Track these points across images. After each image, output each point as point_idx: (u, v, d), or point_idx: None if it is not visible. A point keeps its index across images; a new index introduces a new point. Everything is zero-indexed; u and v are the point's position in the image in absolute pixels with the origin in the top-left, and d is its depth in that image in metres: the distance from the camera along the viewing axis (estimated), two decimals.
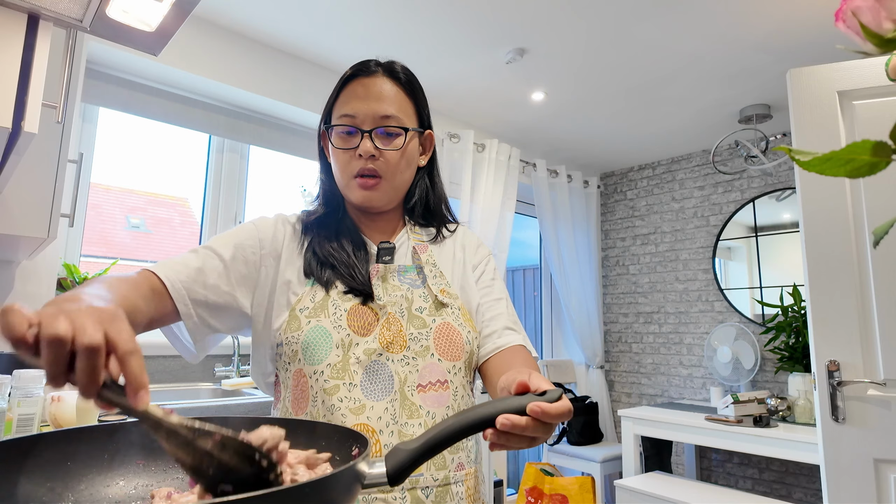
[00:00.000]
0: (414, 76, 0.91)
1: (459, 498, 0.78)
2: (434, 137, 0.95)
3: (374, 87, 0.85)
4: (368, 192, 0.84)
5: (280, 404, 0.83)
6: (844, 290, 1.63)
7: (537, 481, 2.58)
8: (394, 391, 0.77)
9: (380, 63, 0.88)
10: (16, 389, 0.93)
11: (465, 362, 0.83)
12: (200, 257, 0.79)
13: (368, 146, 0.82)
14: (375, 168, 0.83)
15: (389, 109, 0.84)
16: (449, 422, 0.51)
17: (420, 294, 0.85)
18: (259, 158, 2.60)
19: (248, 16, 2.18)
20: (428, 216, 0.95)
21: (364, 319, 0.80)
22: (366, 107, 0.83)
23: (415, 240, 0.91)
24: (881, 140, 0.40)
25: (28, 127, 0.78)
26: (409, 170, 0.89)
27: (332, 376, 0.76)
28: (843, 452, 1.59)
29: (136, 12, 0.79)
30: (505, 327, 0.87)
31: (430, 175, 0.96)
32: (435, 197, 0.95)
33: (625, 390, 3.76)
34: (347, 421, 0.74)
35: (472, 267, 0.93)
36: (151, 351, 2.03)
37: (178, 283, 0.74)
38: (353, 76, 0.86)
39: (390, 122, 0.84)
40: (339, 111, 0.86)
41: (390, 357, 0.79)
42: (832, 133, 1.70)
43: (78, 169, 1.55)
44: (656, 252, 3.71)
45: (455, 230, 0.97)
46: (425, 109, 0.92)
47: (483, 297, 0.90)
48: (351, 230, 0.88)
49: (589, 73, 2.59)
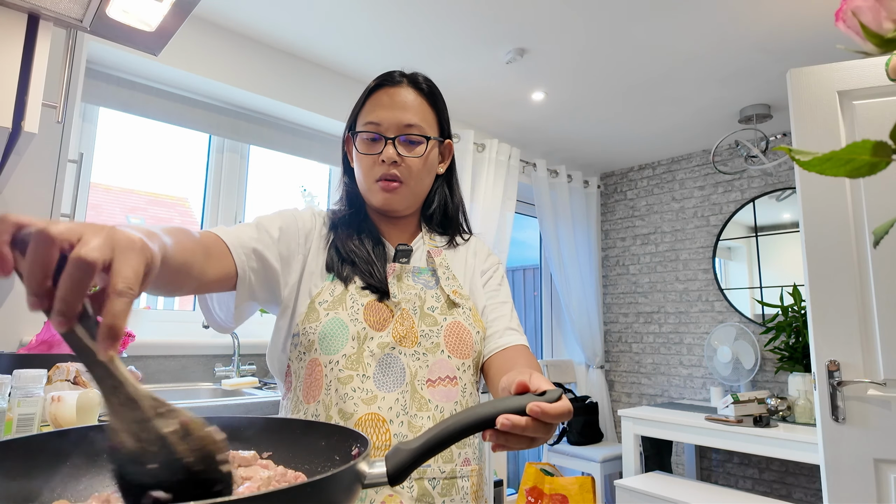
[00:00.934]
0: (436, 87, 0.96)
1: (465, 493, 0.80)
2: (452, 147, 0.99)
3: (398, 96, 0.89)
4: (390, 195, 0.88)
5: (291, 394, 0.86)
6: (844, 290, 1.63)
7: (537, 481, 2.58)
8: (405, 383, 0.81)
9: (404, 74, 0.93)
10: (16, 389, 0.93)
11: (473, 361, 0.87)
12: (254, 228, 0.81)
13: (391, 152, 0.86)
14: (397, 173, 0.87)
15: (413, 119, 0.88)
16: (449, 422, 0.51)
17: (433, 294, 0.88)
18: (259, 158, 2.60)
19: (248, 16, 2.18)
20: (445, 223, 0.99)
21: (380, 315, 0.84)
22: (390, 115, 0.88)
23: (430, 245, 0.95)
24: (881, 140, 0.40)
25: (28, 127, 0.78)
26: (428, 177, 0.93)
27: (347, 366, 0.80)
28: (843, 452, 1.59)
29: (136, 12, 0.79)
30: (507, 328, 0.91)
31: (448, 183, 1.00)
32: (453, 205, 1.00)
33: (625, 390, 3.76)
34: (359, 410, 0.78)
35: (480, 272, 0.97)
36: (151, 351, 2.03)
37: (237, 245, 0.76)
38: (378, 86, 0.91)
39: (413, 131, 0.88)
40: (364, 118, 0.90)
41: (403, 351, 0.82)
42: (832, 133, 1.70)
43: (78, 169, 1.55)
44: (656, 252, 3.71)
45: (468, 239, 1.01)
46: (446, 119, 0.96)
47: (489, 300, 0.94)
48: (372, 231, 0.92)
49: (589, 73, 2.59)
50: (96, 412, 1.00)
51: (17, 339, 1.74)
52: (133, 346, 1.76)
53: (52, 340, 1.49)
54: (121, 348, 1.55)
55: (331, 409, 0.79)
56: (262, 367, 2.33)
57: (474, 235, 1.03)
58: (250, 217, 2.48)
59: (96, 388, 0.36)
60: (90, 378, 0.67)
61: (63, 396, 0.99)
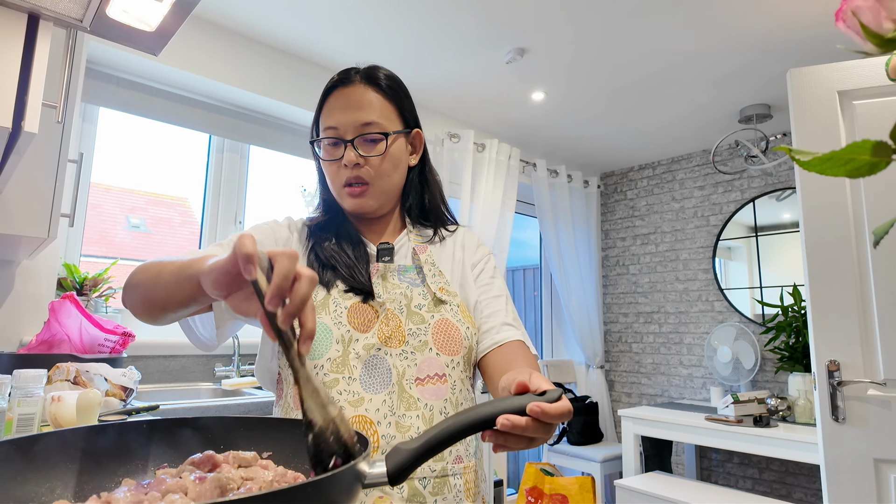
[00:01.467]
0: (395, 78, 0.93)
1: (458, 490, 0.79)
2: (422, 136, 0.96)
3: (353, 95, 0.87)
4: (358, 199, 0.87)
5: (282, 401, 0.85)
6: (844, 290, 1.63)
7: (537, 481, 2.58)
8: (391, 384, 0.79)
9: (359, 70, 0.90)
10: (16, 389, 0.93)
11: (463, 357, 0.85)
12: (225, 248, 0.81)
13: (352, 156, 0.84)
14: (361, 175, 0.86)
15: (370, 116, 0.86)
16: (449, 421, 0.51)
17: (419, 292, 0.87)
18: (259, 158, 2.60)
19: (249, 16, 2.18)
20: (425, 215, 0.97)
21: (364, 317, 0.82)
22: (346, 116, 0.85)
23: (415, 241, 0.93)
24: (881, 140, 0.40)
25: (28, 127, 0.77)
26: (396, 172, 0.90)
27: (332, 370, 0.79)
28: (843, 452, 1.59)
29: (136, 12, 0.79)
30: (503, 323, 0.88)
31: (421, 173, 0.97)
32: (430, 195, 0.97)
33: (625, 390, 3.76)
34: (346, 413, 0.76)
35: (471, 266, 0.94)
36: (151, 351, 2.03)
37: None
38: (333, 87, 0.89)
39: (371, 129, 0.86)
40: (323, 123, 0.88)
41: (388, 351, 0.81)
42: (832, 133, 1.70)
43: (78, 169, 1.55)
44: (656, 252, 3.71)
45: (455, 231, 0.98)
46: (409, 109, 0.93)
47: (482, 295, 0.92)
48: (351, 234, 0.91)
49: (589, 73, 2.59)
50: (96, 412, 1.00)
51: (17, 339, 1.74)
52: (133, 346, 1.76)
53: (52, 340, 1.49)
54: (121, 348, 1.55)
55: None
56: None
57: (462, 227, 1.01)
58: (250, 217, 2.49)
59: (292, 379, 0.50)
60: (288, 371, 0.82)
61: (63, 396, 0.99)
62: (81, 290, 1.89)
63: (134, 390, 1.34)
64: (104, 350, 1.54)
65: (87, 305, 1.85)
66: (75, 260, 2.03)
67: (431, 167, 0.99)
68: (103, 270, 1.98)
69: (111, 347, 1.55)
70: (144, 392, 1.93)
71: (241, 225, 2.47)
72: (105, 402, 1.23)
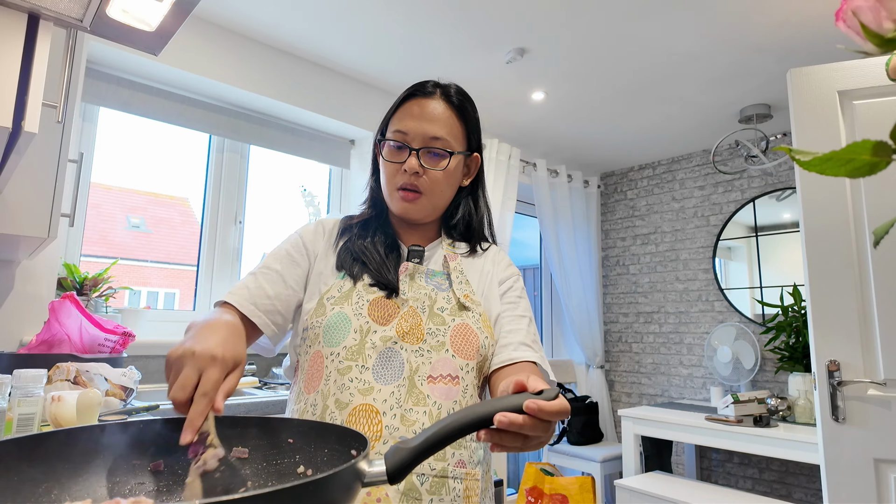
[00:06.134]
0: (469, 100, 0.96)
1: (456, 494, 0.79)
2: (479, 160, 0.99)
3: (427, 107, 0.91)
4: (408, 204, 0.91)
5: (295, 386, 0.89)
6: (844, 290, 1.63)
7: (537, 481, 2.57)
8: (402, 378, 0.81)
9: (438, 84, 0.94)
10: (16, 389, 0.93)
11: (477, 364, 0.86)
12: (256, 276, 0.88)
13: (414, 163, 0.88)
14: (418, 184, 0.90)
15: (439, 131, 0.90)
16: (447, 420, 0.51)
17: (444, 296, 0.89)
18: (259, 158, 2.60)
19: (248, 16, 2.18)
20: (467, 234, 1.00)
21: (385, 310, 0.85)
22: (417, 126, 0.89)
23: (447, 250, 0.96)
24: (881, 140, 0.40)
25: (28, 127, 0.78)
26: (450, 190, 0.94)
27: (347, 357, 0.82)
28: (843, 452, 1.59)
29: (136, 12, 0.79)
30: (521, 342, 0.89)
31: (473, 195, 1.01)
32: (477, 217, 1.01)
33: (625, 390, 3.76)
34: (354, 400, 0.79)
35: (498, 281, 0.97)
36: (151, 351, 2.03)
37: (255, 313, 0.84)
38: (410, 95, 0.93)
39: (438, 144, 0.90)
40: (393, 126, 0.92)
41: (405, 346, 0.83)
42: (832, 133, 1.70)
43: (78, 169, 1.55)
44: (656, 252, 3.71)
45: (488, 248, 1.01)
46: (475, 133, 0.97)
47: (506, 312, 0.93)
48: (388, 233, 0.95)
49: (589, 73, 2.59)
50: (96, 412, 1.00)
51: (18, 339, 1.74)
52: (133, 346, 1.76)
53: (52, 340, 1.49)
54: (121, 348, 1.55)
55: (328, 399, 0.80)
56: (263, 367, 2.33)
57: (495, 245, 1.04)
58: (250, 217, 2.49)
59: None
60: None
61: (63, 396, 0.99)
62: (81, 289, 1.89)
63: (134, 390, 1.34)
64: (104, 350, 1.54)
65: (88, 305, 1.85)
66: (75, 260, 2.03)
67: (485, 191, 1.03)
68: (103, 270, 1.98)
69: (111, 347, 1.55)
70: (144, 392, 1.93)
71: (241, 225, 2.47)
72: (105, 401, 1.23)
